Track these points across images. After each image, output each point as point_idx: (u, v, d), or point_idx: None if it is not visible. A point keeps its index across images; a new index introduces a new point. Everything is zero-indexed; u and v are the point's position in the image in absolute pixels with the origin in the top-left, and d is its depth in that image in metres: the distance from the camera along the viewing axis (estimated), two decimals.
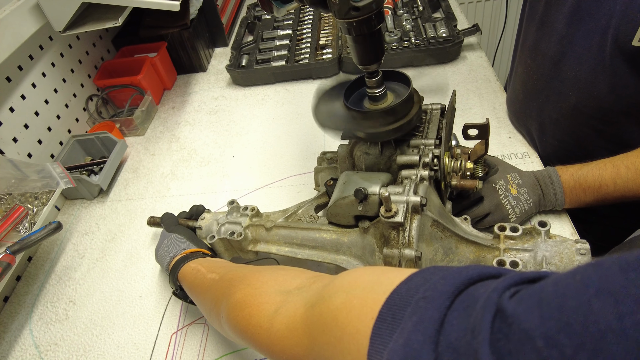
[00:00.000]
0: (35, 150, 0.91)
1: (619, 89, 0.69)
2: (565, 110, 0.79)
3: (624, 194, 0.64)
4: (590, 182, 0.66)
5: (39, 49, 0.94)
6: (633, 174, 0.63)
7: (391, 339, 0.26)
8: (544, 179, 0.70)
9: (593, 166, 0.67)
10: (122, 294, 0.76)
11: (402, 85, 0.64)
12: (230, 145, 1.01)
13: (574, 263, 0.49)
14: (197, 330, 0.68)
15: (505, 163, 0.73)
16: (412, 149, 0.62)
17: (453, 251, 0.54)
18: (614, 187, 0.65)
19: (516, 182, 0.69)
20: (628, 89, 0.68)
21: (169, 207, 0.89)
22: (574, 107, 0.77)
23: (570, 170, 0.69)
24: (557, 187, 0.69)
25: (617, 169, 0.65)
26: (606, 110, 0.73)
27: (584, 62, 0.71)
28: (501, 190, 0.69)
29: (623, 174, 0.64)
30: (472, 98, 0.99)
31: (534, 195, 0.69)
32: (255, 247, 0.68)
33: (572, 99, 0.76)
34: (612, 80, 0.69)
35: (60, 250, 0.85)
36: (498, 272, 0.27)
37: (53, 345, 0.71)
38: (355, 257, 0.60)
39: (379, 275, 0.33)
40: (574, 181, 0.68)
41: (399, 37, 1.12)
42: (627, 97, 0.69)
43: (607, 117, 0.74)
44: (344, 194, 0.58)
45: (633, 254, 0.19)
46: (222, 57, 1.31)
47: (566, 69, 0.75)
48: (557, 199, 0.69)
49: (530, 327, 0.19)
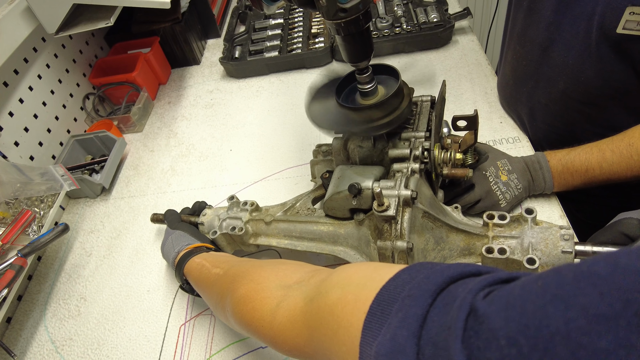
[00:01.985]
0: (37, 152, 0.93)
1: (606, 75, 0.71)
2: (554, 95, 0.80)
3: (609, 177, 0.67)
4: (578, 167, 0.69)
5: (32, 52, 0.95)
6: (617, 158, 0.66)
7: (380, 333, 0.29)
8: (533, 165, 0.72)
9: (580, 151, 0.69)
10: (130, 289, 0.79)
11: (391, 79, 0.65)
12: (228, 138, 1.02)
13: (558, 248, 0.52)
14: (204, 321, 0.72)
15: (496, 150, 0.75)
16: (404, 142, 0.64)
17: (444, 240, 0.56)
18: (600, 170, 0.67)
19: (506, 168, 0.72)
20: (614, 75, 0.70)
21: (171, 203, 0.92)
22: (563, 92, 0.78)
23: (558, 155, 0.71)
24: (546, 172, 0.71)
25: (603, 153, 0.67)
26: (594, 96, 0.75)
27: (571, 49, 0.73)
28: (491, 177, 0.71)
29: (608, 157, 0.66)
30: (464, 83, 1.00)
31: (524, 181, 0.71)
32: (256, 241, 0.71)
33: (561, 84, 0.78)
34: (598, 66, 0.70)
35: (68, 249, 0.88)
36: (478, 270, 0.30)
37: (68, 340, 0.74)
38: (351, 248, 0.63)
39: (372, 272, 0.36)
40: (562, 166, 0.70)
41: (391, 23, 1.12)
42: (613, 82, 0.71)
43: (595, 102, 0.75)
44: (339, 189, 0.60)
45: (586, 263, 0.22)
46: (215, 49, 1.31)
47: (554, 55, 0.76)
48: (546, 183, 0.71)
49: (496, 327, 0.22)
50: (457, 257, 0.57)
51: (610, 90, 0.72)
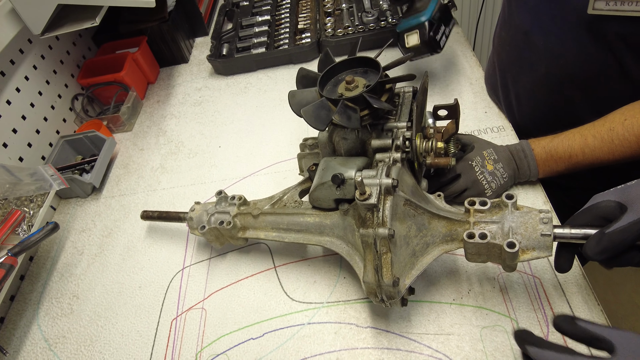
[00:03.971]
0: (26, 153, 0.93)
1: (584, 57, 0.72)
2: (537, 80, 0.82)
3: (592, 162, 0.68)
4: (561, 153, 0.70)
5: (19, 53, 0.95)
6: (599, 143, 0.67)
7: None
8: (517, 153, 0.73)
9: (563, 137, 0.71)
10: (122, 286, 0.80)
11: (373, 72, 0.66)
12: (217, 135, 1.03)
13: (537, 231, 0.53)
14: (195, 315, 0.73)
15: (481, 140, 0.76)
16: (386, 132, 0.65)
17: (426, 227, 0.57)
18: (583, 156, 0.68)
19: (492, 157, 0.73)
20: (592, 57, 0.71)
21: (161, 200, 0.92)
22: (545, 76, 0.80)
23: (542, 143, 0.72)
24: (531, 160, 0.72)
25: (585, 139, 0.68)
26: (574, 77, 0.76)
27: (550, 33, 0.74)
28: (477, 167, 0.72)
29: (590, 143, 0.68)
30: (450, 75, 1.01)
31: (510, 170, 0.72)
32: (245, 234, 0.72)
33: (542, 68, 0.79)
34: (577, 49, 0.72)
35: (59, 248, 0.89)
36: None
37: (61, 337, 0.75)
38: (337, 238, 0.64)
39: None
40: (546, 153, 0.71)
41: (376, 17, 1.13)
42: (592, 65, 0.72)
43: (576, 84, 0.76)
44: (323, 180, 0.61)
45: None
46: (203, 47, 1.32)
47: (535, 40, 0.78)
48: (531, 171, 0.73)
49: None
50: (440, 243, 0.58)
51: (590, 73, 0.74)
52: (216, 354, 0.67)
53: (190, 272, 0.79)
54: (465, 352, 0.61)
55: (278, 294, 0.72)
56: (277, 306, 0.71)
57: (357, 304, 0.69)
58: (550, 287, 0.64)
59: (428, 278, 0.69)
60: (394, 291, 0.54)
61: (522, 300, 0.64)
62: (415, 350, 0.62)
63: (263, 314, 0.70)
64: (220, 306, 0.73)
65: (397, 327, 0.65)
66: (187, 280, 0.78)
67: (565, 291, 0.64)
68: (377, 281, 0.53)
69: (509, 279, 0.66)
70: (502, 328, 0.62)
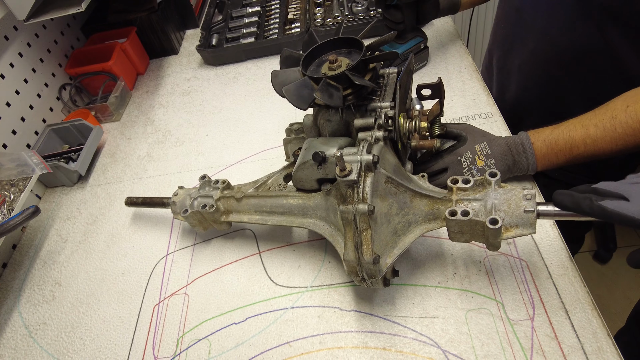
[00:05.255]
0: (10, 140, 0.92)
1: (570, 34, 0.72)
2: (525, 56, 0.82)
3: (594, 153, 0.65)
4: (562, 146, 0.67)
5: (4, 40, 0.95)
6: (601, 132, 0.64)
7: None
8: (516, 147, 0.69)
9: (563, 128, 0.67)
10: (105, 272, 0.79)
11: (357, 52, 0.65)
12: (204, 124, 1.02)
13: (520, 208, 0.52)
14: (177, 300, 0.72)
15: (477, 131, 0.72)
16: (370, 113, 0.64)
17: (408, 205, 0.56)
18: (585, 147, 0.65)
19: (484, 152, 0.69)
20: (577, 32, 0.70)
21: (147, 188, 0.91)
22: (532, 52, 0.80)
23: (542, 136, 0.68)
24: (530, 155, 0.68)
25: (587, 129, 0.65)
26: (560, 54, 0.75)
27: (539, 9, 0.75)
28: (465, 163, 0.69)
29: (592, 133, 0.64)
30: (439, 63, 1.00)
31: (503, 165, 0.69)
32: (228, 218, 0.71)
33: (530, 44, 0.79)
34: (564, 26, 0.72)
35: (43, 236, 0.88)
36: None
37: (42, 324, 0.74)
38: (320, 219, 0.63)
39: None
40: (546, 147, 0.68)
41: (366, 7, 1.12)
42: (578, 42, 0.72)
43: (562, 62, 0.76)
44: (305, 159, 0.60)
45: None
46: (193, 39, 1.31)
47: (526, 16, 0.78)
48: (529, 165, 0.69)
49: None
50: (422, 222, 0.57)
51: (575, 50, 0.73)
52: (198, 338, 0.66)
53: (174, 258, 0.78)
54: (450, 335, 0.60)
55: (262, 279, 0.71)
56: (260, 291, 0.70)
57: (341, 288, 0.68)
58: (536, 270, 0.64)
59: (413, 261, 0.68)
60: (375, 269, 0.53)
61: (508, 283, 0.63)
62: (400, 334, 0.61)
63: (246, 299, 0.69)
64: (203, 292, 0.72)
65: (381, 311, 0.64)
66: (170, 267, 0.77)
67: (551, 273, 0.63)
68: (357, 258, 0.52)
69: (495, 262, 0.66)
70: (488, 311, 0.61)
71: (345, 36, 0.65)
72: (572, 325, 0.57)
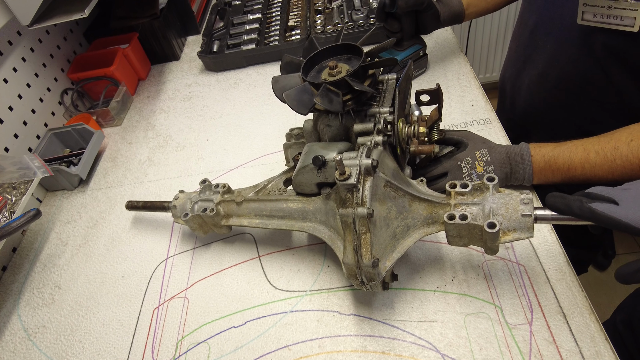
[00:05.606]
0: (12, 144, 0.93)
1: (574, 63, 0.74)
2: (533, 77, 0.84)
3: (590, 178, 0.65)
4: (560, 164, 0.67)
5: (7, 45, 0.96)
6: (601, 160, 0.64)
7: None
8: (515, 157, 0.69)
9: (565, 148, 0.67)
10: (105, 275, 0.79)
11: (357, 58, 0.66)
12: (205, 129, 1.03)
13: (518, 212, 0.53)
14: (177, 304, 0.72)
15: (477, 138, 0.72)
16: (369, 118, 0.65)
17: (407, 209, 0.57)
18: (582, 170, 0.65)
19: (484, 159, 0.69)
20: (580, 64, 0.72)
21: (148, 192, 0.92)
22: (541, 74, 0.82)
23: (543, 151, 0.68)
24: (527, 167, 0.68)
25: (587, 153, 0.65)
26: (565, 82, 0.77)
27: (550, 34, 0.76)
28: (465, 169, 0.69)
29: (592, 159, 0.64)
30: (438, 70, 1.01)
31: (501, 173, 0.69)
32: (228, 222, 0.71)
33: (540, 65, 0.81)
34: (569, 53, 0.74)
35: (43, 239, 0.88)
36: None
37: (41, 327, 0.74)
38: (320, 223, 0.63)
39: None
40: (545, 162, 0.68)
41: (366, 14, 1.14)
42: (580, 71, 0.73)
43: (567, 88, 0.78)
44: (305, 163, 0.61)
45: None
46: (194, 45, 1.32)
47: (537, 39, 0.80)
48: (526, 177, 0.69)
49: None
50: (421, 226, 0.57)
51: (578, 79, 0.75)
52: (197, 342, 0.66)
53: (174, 261, 0.78)
54: (448, 339, 0.60)
55: (261, 283, 0.72)
56: (260, 295, 0.70)
57: (340, 292, 0.68)
58: (534, 274, 0.64)
59: (412, 266, 0.68)
60: (374, 272, 0.53)
61: (507, 288, 0.63)
62: (398, 338, 0.61)
63: (245, 303, 0.70)
64: (202, 295, 0.72)
65: (380, 315, 0.64)
66: (170, 270, 0.77)
67: (549, 278, 0.63)
68: (356, 262, 0.53)
69: (493, 267, 0.66)
70: (486, 315, 0.61)
71: (345, 42, 0.67)
72: (570, 330, 0.57)
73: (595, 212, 0.46)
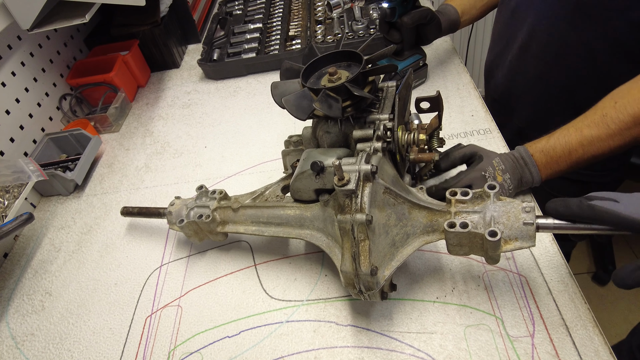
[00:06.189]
0: (8, 148, 0.92)
1: (551, 31, 0.83)
2: (515, 50, 0.92)
3: (593, 154, 0.66)
4: (560, 152, 0.67)
5: (7, 49, 0.95)
6: (596, 131, 0.65)
7: None
8: (518, 161, 0.69)
9: (558, 135, 0.68)
10: (97, 282, 0.77)
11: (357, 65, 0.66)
12: (203, 136, 1.02)
13: (519, 220, 0.52)
14: (170, 312, 0.70)
15: (486, 150, 0.71)
16: (369, 125, 0.64)
17: (406, 217, 0.56)
18: (583, 149, 0.66)
19: (500, 167, 0.68)
20: (556, 31, 0.82)
21: (143, 199, 0.91)
22: (521, 46, 0.90)
23: (539, 146, 0.69)
24: (532, 167, 0.68)
25: (580, 131, 0.66)
26: (544, 52, 0.86)
27: (532, 6, 0.84)
28: (490, 179, 0.68)
29: (587, 134, 0.65)
30: (437, 80, 1.01)
31: (515, 180, 0.68)
32: (224, 229, 0.70)
33: (520, 40, 0.90)
34: (548, 22, 0.82)
35: (36, 245, 0.86)
36: None
37: (29, 335, 0.72)
38: (318, 231, 0.62)
39: None
40: (545, 156, 0.68)
41: (366, 25, 1.14)
42: (557, 39, 0.82)
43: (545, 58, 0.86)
44: (303, 169, 0.60)
45: None
46: (195, 54, 1.33)
47: (518, 15, 0.89)
48: (534, 177, 0.69)
49: None
50: (421, 234, 0.56)
51: (555, 47, 0.83)
52: (190, 352, 0.64)
53: (168, 269, 0.77)
54: (448, 351, 0.58)
55: (257, 292, 0.70)
56: (255, 304, 0.69)
57: (337, 302, 0.66)
58: (536, 286, 0.63)
59: (411, 276, 0.67)
60: (372, 281, 0.52)
61: (508, 299, 0.62)
62: (397, 349, 0.59)
63: (240, 312, 0.68)
64: (196, 304, 0.70)
65: (378, 326, 0.62)
66: (164, 278, 0.75)
67: (551, 290, 0.62)
68: (354, 270, 0.51)
69: (494, 277, 0.65)
70: (487, 327, 0.60)
71: (344, 49, 0.66)
72: (573, 343, 0.56)
73: (596, 208, 0.47)
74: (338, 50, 0.67)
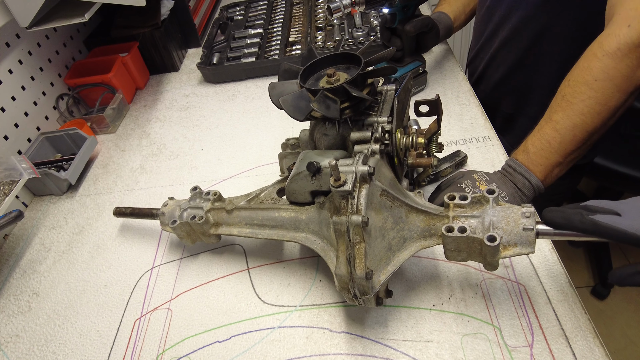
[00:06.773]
0: (1, 146, 0.90)
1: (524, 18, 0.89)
2: (496, 44, 0.99)
3: (580, 138, 0.66)
4: (539, 145, 0.68)
5: (5, 46, 0.95)
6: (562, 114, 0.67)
7: None
8: (506, 170, 0.69)
9: (534, 132, 0.70)
10: (87, 284, 0.75)
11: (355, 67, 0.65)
12: (200, 139, 1.01)
13: (519, 226, 0.51)
14: (160, 315, 0.68)
15: (468, 170, 0.72)
16: (367, 127, 0.63)
17: (403, 220, 0.55)
18: (559, 134, 0.67)
19: (484, 179, 0.68)
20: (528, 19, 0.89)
21: (137, 200, 0.89)
22: (501, 40, 0.97)
23: (519, 149, 0.70)
24: (521, 169, 0.68)
25: (550, 118, 0.69)
26: (517, 40, 0.93)
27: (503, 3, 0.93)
28: (468, 188, 0.68)
29: (557, 118, 0.68)
30: (437, 87, 1.01)
31: (508, 188, 0.68)
32: (217, 230, 0.69)
33: (500, 33, 0.96)
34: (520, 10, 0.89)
35: (26, 244, 0.85)
36: None
37: (14, 337, 0.70)
38: (313, 234, 0.61)
39: None
40: (527, 154, 0.68)
41: (366, 32, 1.14)
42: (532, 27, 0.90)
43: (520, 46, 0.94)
44: (299, 170, 0.59)
45: None
46: (195, 57, 1.32)
47: (492, 11, 0.96)
48: (530, 179, 0.68)
49: None
50: (418, 238, 0.55)
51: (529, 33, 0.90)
52: (178, 356, 0.63)
53: (159, 271, 0.75)
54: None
55: (249, 296, 0.68)
56: (247, 309, 0.67)
57: (331, 308, 0.65)
58: (535, 295, 0.61)
59: (407, 282, 0.65)
60: (367, 285, 0.50)
61: (506, 308, 0.60)
62: (392, 358, 0.58)
63: (232, 317, 0.66)
64: (187, 307, 0.69)
65: (373, 333, 0.61)
66: (155, 280, 0.74)
67: (550, 299, 0.60)
68: (349, 273, 0.50)
69: (492, 286, 0.63)
70: (484, 336, 0.58)
71: (344, 51, 0.66)
72: (573, 354, 0.54)
73: (599, 224, 0.44)
74: (337, 52, 0.66)
